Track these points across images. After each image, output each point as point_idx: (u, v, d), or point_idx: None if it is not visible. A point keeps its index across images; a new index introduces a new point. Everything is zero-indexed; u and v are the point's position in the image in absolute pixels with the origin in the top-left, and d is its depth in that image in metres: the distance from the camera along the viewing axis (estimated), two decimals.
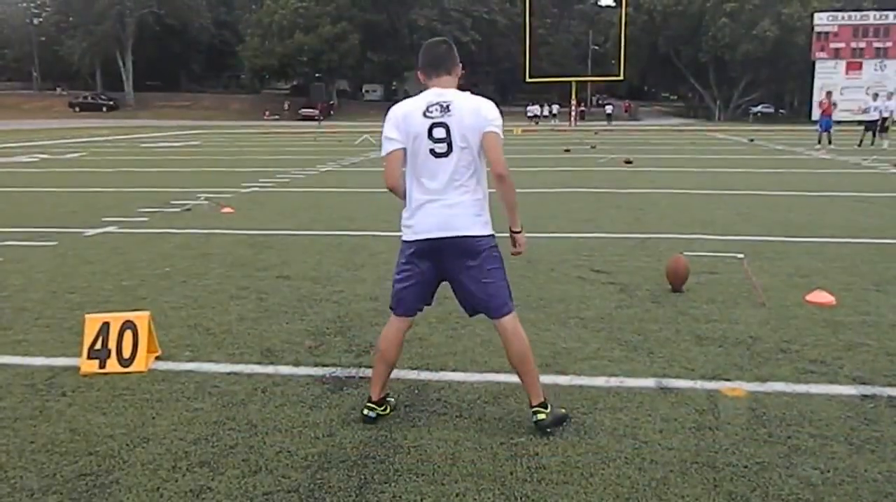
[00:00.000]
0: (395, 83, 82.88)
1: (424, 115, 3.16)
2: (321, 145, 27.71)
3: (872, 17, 54.34)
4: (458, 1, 73.07)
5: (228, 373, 3.96)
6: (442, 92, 3.22)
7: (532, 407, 3.26)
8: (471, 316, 3.42)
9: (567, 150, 22.65)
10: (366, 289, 5.75)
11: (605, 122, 53.38)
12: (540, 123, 53.08)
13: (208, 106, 69.12)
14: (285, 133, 40.82)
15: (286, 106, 64.53)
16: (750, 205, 10.49)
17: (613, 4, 74.52)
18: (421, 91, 3.31)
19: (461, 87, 3.34)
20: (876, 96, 25.04)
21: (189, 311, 5.15)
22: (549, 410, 3.24)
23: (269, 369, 4.03)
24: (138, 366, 3.97)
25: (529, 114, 57.11)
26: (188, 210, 10.23)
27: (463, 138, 3.12)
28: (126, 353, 3.98)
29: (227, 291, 5.71)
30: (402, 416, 3.40)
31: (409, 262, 3.34)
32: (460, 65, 3.39)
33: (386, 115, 3.32)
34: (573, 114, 51.45)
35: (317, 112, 59.98)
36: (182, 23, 70.14)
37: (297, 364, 4.10)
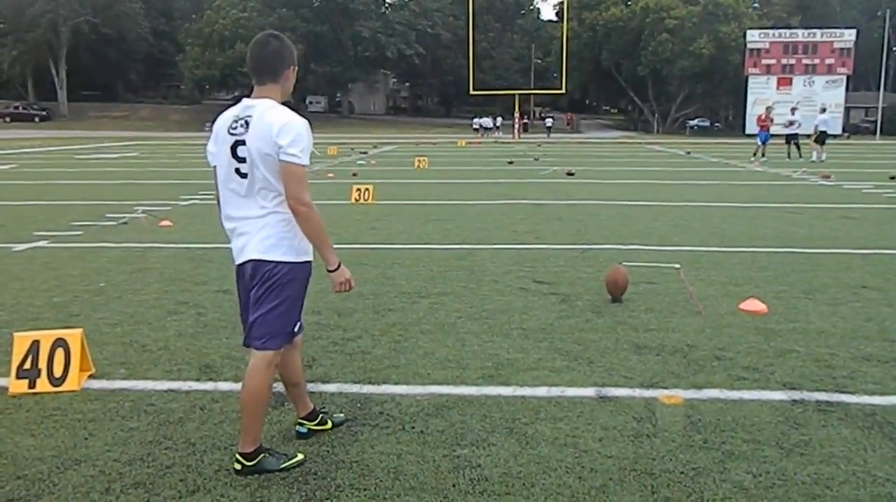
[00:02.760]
0: (339, 94, 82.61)
1: (229, 131, 2.88)
2: None
3: (801, 35, 56.62)
4: (403, 14, 73.33)
5: (165, 391, 3.87)
6: (252, 103, 2.89)
7: (239, 453, 2.94)
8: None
9: (511, 162, 22.89)
10: (307, 302, 5.64)
11: (545, 135, 54.21)
12: (486, 136, 53.53)
13: (146, 117, 67.63)
14: None
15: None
16: (687, 216, 10.77)
17: (556, 19, 75.85)
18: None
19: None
20: (794, 111, 25.90)
21: (124, 328, 5.02)
22: (251, 463, 2.92)
23: (209, 385, 3.96)
24: (70, 385, 3.85)
25: (475, 125, 57.73)
26: (124, 223, 9.98)
27: (259, 157, 2.80)
28: (57, 372, 3.86)
29: (165, 306, 5.59)
30: (343, 431, 3.38)
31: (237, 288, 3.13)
32: (293, 66, 3.03)
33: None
34: (517, 126, 52.07)
35: None
36: (119, 32, 68.53)
37: (236, 380, 4.03)
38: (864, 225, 9.91)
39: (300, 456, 3.07)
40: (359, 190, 12.48)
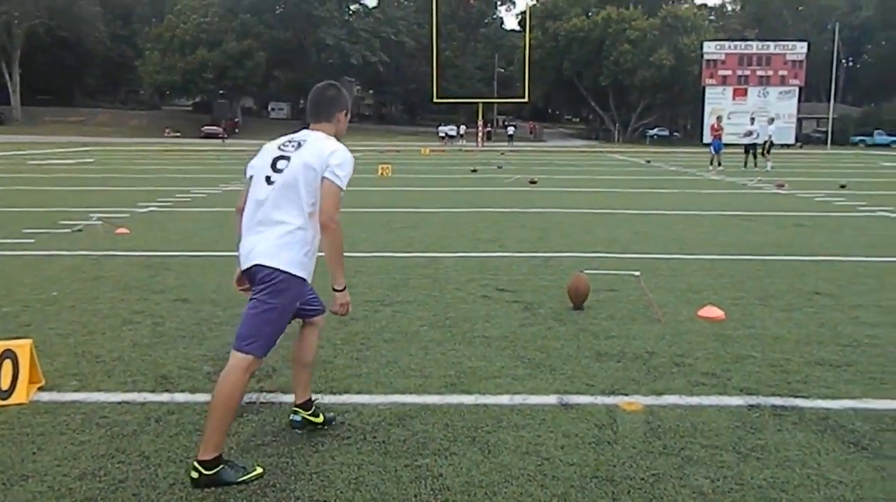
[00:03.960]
0: (302, 101, 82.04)
1: (278, 148, 3.19)
2: (225, 163, 27.07)
3: (756, 47, 57.96)
4: (367, 21, 73.22)
5: (119, 403, 3.77)
6: (308, 133, 3.24)
7: (196, 459, 2.89)
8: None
9: (474, 171, 22.95)
10: None
11: (507, 143, 54.60)
12: (450, 144, 53.67)
13: (104, 122, 66.38)
14: (187, 151, 39.68)
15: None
16: (647, 224, 10.89)
17: (518, 29, 76.43)
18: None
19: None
20: (753, 120, 26.46)
21: (77, 338, 4.88)
22: (209, 472, 2.86)
23: (164, 397, 3.86)
24: (18, 397, 3.72)
25: (441, 133, 57.94)
26: (79, 231, 9.75)
27: (302, 168, 3.04)
28: (4, 385, 3.73)
29: (120, 316, 5.46)
30: (304, 442, 3.32)
31: None
32: (346, 111, 3.37)
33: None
34: (480, 134, 52.30)
35: (220, 130, 58.71)
36: (76, 35, 67.11)
37: (193, 391, 3.95)
38: (817, 232, 10.13)
39: (259, 470, 3.01)
40: None
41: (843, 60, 74.83)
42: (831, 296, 6.21)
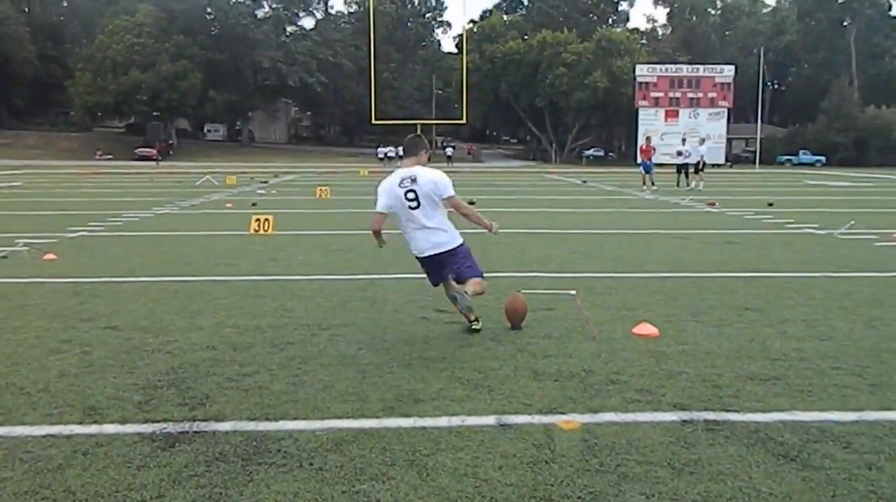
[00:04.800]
0: (238, 123, 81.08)
1: (399, 185, 5.38)
2: (158, 186, 26.48)
3: (686, 70, 59.93)
4: (304, 44, 72.95)
5: (44, 436, 3.62)
6: (412, 170, 5.47)
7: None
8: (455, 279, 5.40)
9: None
10: (202, 337, 5.50)
11: (446, 164, 54.98)
12: (389, 165, 53.67)
13: (33, 144, 64.19)
14: (119, 174, 38.68)
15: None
16: (583, 243, 11.09)
17: (456, 51, 77.30)
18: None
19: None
20: (684, 141, 27.33)
21: (0, 369, 4.68)
22: None
23: (92, 428, 3.73)
24: None
25: (380, 155, 57.98)
26: (4, 258, 9.38)
27: (425, 194, 5.37)
28: None
29: (46, 345, 5.26)
30: (238, 471, 3.24)
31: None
32: (426, 150, 5.68)
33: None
34: None
35: (154, 152, 57.51)
36: (2, 55, 64.90)
37: (123, 421, 3.82)
38: (747, 249, 10.47)
39: None
40: (258, 220, 12.22)
41: (769, 83, 78.07)
42: (760, 311, 6.41)
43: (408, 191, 5.31)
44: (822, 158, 62.59)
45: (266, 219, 12.24)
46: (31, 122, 74.70)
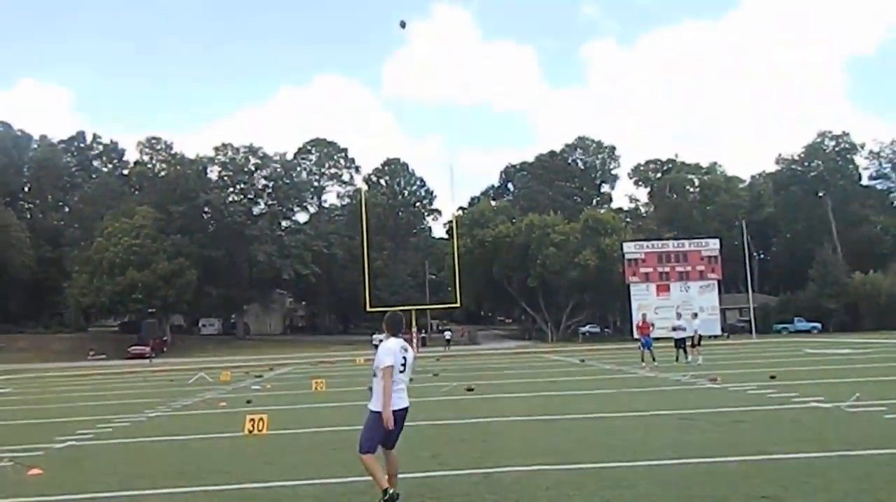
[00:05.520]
0: (233, 317, 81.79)
1: (400, 350, 6.49)
2: (151, 386, 26.19)
3: (672, 246, 61.81)
4: (298, 238, 75.42)
5: None
6: (404, 343, 6.60)
7: None
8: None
9: (410, 379, 22.75)
10: None
11: (443, 348, 55.05)
12: None
13: (24, 347, 64.08)
14: (111, 374, 38.38)
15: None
16: (587, 429, 10.86)
17: (446, 236, 79.91)
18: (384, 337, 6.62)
19: None
20: (679, 315, 27.58)
21: None
22: None
23: None
24: None
25: (374, 342, 58.00)
26: None
27: (410, 364, 6.60)
28: None
29: None
30: None
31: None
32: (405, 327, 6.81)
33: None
34: (415, 340, 52.57)
35: (147, 349, 57.49)
36: (1, 262, 66.52)
37: None
38: (755, 428, 10.26)
39: None
40: (252, 420, 11.98)
41: (755, 253, 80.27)
42: (778, 499, 6.18)
43: (402, 358, 6.50)
44: (819, 325, 63.02)
45: (261, 419, 12.00)
46: (24, 324, 75.16)
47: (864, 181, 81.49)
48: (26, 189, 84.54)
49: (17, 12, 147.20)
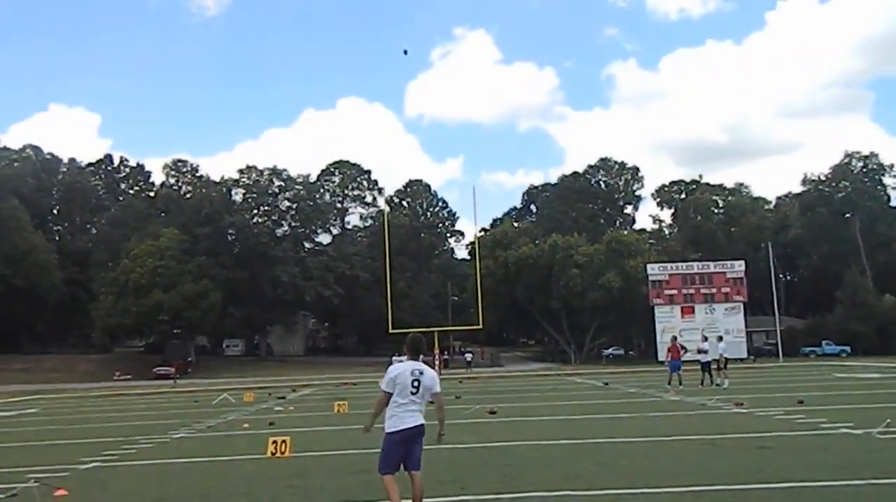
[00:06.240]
0: (257, 337, 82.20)
1: (411, 373, 6.60)
2: (175, 407, 26.37)
3: (697, 267, 61.20)
4: (321, 259, 75.82)
5: None
6: (420, 365, 6.74)
7: None
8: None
9: (431, 402, 22.70)
10: None
11: (465, 370, 54.85)
12: None
13: (52, 368, 64.80)
14: (137, 394, 38.70)
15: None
16: (610, 453, 10.76)
17: (468, 257, 79.90)
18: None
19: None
20: (706, 338, 27.31)
21: None
22: None
23: None
24: None
25: (395, 362, 57.91)
26: (14, 496, 9.18)
27: (426, 387, 6.64)
28: None
29: None
30: None
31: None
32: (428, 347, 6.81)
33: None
34: (437, 362, 52.45)
35: (172, 370, 57.89)
36: (29, 283, 67.47)
37: None
38: (782, 455, 10.10)
39: None
40: (275, 442, 12.02)
41: (781, 275, 79.31)
42: None
43: (414, 380, 6.57)
44: (848, 348, 61.98)
45: (283, 441, 12.04)
46: (51, 345, 76.16)
47: (893, 202, 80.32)
48: (55, 212, 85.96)
49: (45, 38, 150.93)
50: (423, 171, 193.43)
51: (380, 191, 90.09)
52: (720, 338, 27.73)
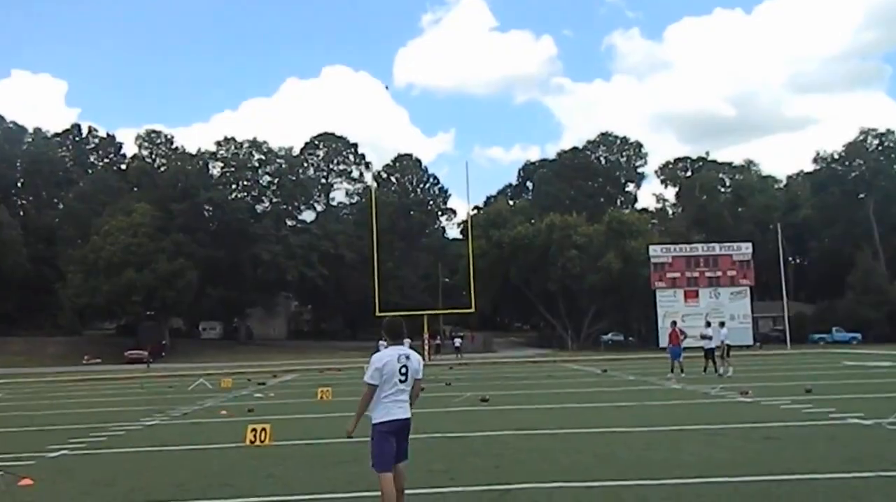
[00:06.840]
0: (235, 320, 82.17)
1: (398, 360, 6.32)
2: (149, 392, 26.39)
3: (701, 249, 61.31)
4: (304, 237, 75.65)
5: None
6: (405, 349, 6.47)
7: None
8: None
9: (421, 389, 22.78)
10: None
11: (454, 356, 54.94)
12: None
13: (19, 351, 64.66)
14: (107, 379, 38.68)
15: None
16: (608, 444, 10.83)
17: (461, 237, 79.88)
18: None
19: None
20: (709, 324, 27.47)
21: None
22: None
23: None
24: None
25: (381, 347, 57.93)
26: None
27: (413, 372, 6.42)
28: None
29: None
30: None
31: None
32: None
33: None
34: (427, 348, 52.57)
35: (145, 354, 57.86)
36: None
37: None
38: (788, 446, 10.19)
39: None
40: (254, 430, 12.05)
41: (790, 258, 79.71)
42: None
43: (402, 367, 6.32)
44: (858, 335, 62.43)
45: (263, 429, 12.07)
46: (18, 327, 75.78)
47: None
48: (19, 184, 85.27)
49: (5, 0, 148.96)
50: (412, 145, 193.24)
51: (367, 165, 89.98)
52: (722, 324, 27.87)
